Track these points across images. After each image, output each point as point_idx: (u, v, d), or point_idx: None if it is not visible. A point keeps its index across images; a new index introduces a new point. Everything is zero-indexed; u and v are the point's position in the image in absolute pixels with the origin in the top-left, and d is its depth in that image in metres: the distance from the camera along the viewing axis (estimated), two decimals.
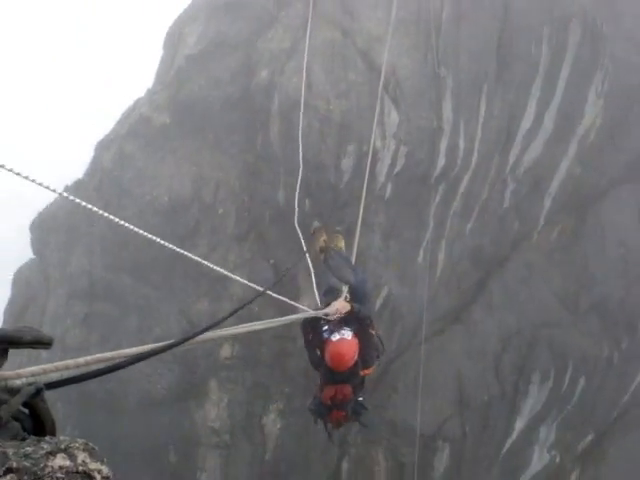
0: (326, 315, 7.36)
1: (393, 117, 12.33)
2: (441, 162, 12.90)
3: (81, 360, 2.44)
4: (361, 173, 11.93)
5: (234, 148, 13.01)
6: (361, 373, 7.60)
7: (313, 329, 7.93)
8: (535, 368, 14.05)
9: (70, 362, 2.37)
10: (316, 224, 9.27)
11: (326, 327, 7.77)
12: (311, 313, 6.97)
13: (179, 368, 12.87)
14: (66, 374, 2.31)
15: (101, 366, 2.55)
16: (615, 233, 14.80)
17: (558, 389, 14.36)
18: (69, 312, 13.12)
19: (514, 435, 14.41)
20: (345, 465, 13.36)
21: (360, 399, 7.74)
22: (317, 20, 12.51)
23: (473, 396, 13.51)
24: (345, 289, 8.54)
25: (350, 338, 7.25)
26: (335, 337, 7.23)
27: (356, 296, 8.45)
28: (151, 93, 13.86)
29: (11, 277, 15.41)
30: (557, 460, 15.32)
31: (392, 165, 12.56)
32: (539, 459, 15.04)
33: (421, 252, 13.40)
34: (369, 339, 7.81)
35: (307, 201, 12.07)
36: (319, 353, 7.78)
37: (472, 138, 13.25)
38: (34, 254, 14.70)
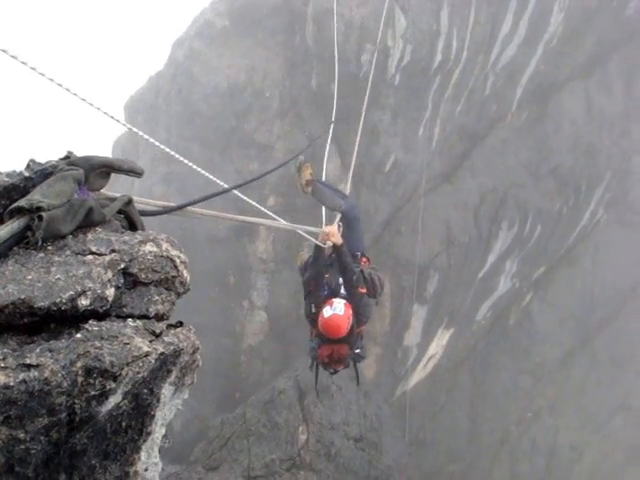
0: (316, 238, 6.73)
1: (401, 22, 14.12)
2: (438, 58, 14.88)
3: (159, 202, 3.04)
4: (376, 65, 13.58)
5: (278, 45, 15.37)
6: (356, 331, 6.87)
7: (315, 284, 7.29)
8: (504, 218, 16.62)
9: (151, 201, 2.99)
10: (301, 159, 8.22)
11: (326, 286, 7.20)
12: (294, 227, 5.79)
13: (236, 212, 14.64)
14: (148, 208, 2.87)
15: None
16: (568, 117, 17.37)
17: (520, 234, 17.12)
18: (154, 171, 15.80)
19: (486, 267, 17.15)
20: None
21: (357, 351, 7.05)
22: None
23: (457, 237, 15.94)
24: (338, 217, 7.52)
25: (342, 313, 6.50)
26: (328, 313, 6.53)
27: (348, 220, 7.66)
28: (214, 2, 16.22)
29: (111, 145, 18.22)
30: (517, 285, 18.49)
31: (400, 60, 14.47)
32: (504, 284, 18.08)
33: (421, 128, 15.60)
34: (361, 299, 7.01)
35: (333, 86, 13.23)
36: (314, 310, 7.08)
37: (462, 40, 15.17)
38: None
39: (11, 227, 1.84)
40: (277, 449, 13.59)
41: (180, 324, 2.24)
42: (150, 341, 1.94)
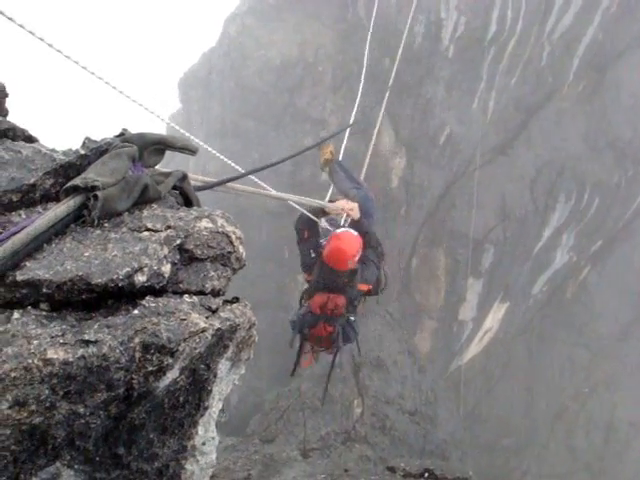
0: (329, 210, 6.34)
1: None
2: (493, 29, 14.78)
3: (213, 180, 3.10)
4: (429, 37, 14.30)
5: (330, 19, 15.40)
6: (358, 286, 6.43)
7: (310, 229, 6.70)
8: (561, 191, 16.42)
9: (206, 178, 3.08)
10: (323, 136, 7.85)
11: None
12: (310, 201, 5.57)
13: (290, 189, 13.98)
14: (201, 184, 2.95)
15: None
16: (628, 87, 16.91)
17: (578, 207, 16.88)
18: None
19: (543, 240, 16.99)
20: (414, 261, 16.09)
21: (352, 318, 6.61)
22: None
23: (512, 211, 15.89)
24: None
25: (356, 234, 6.15)
26: (340, 230, 6.15)
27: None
28: None
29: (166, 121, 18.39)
30: (574, 259, 18.23)
31: (454, 31, 14.48)
32: (560, 258, 17.85)
33: (476, 100, 15.52)
34: (377, 261, 6.69)
35: (387, 59, 14.17)
36: (313, 255, 6.54)
37: (518, 10, 14.96)
38: (181, 104, 17.60)
39: (67, 205, 1.89)
40: (332, 422, 13.73)
41: (236, 300, 2.28)
42: (207, 317, 1.98)
